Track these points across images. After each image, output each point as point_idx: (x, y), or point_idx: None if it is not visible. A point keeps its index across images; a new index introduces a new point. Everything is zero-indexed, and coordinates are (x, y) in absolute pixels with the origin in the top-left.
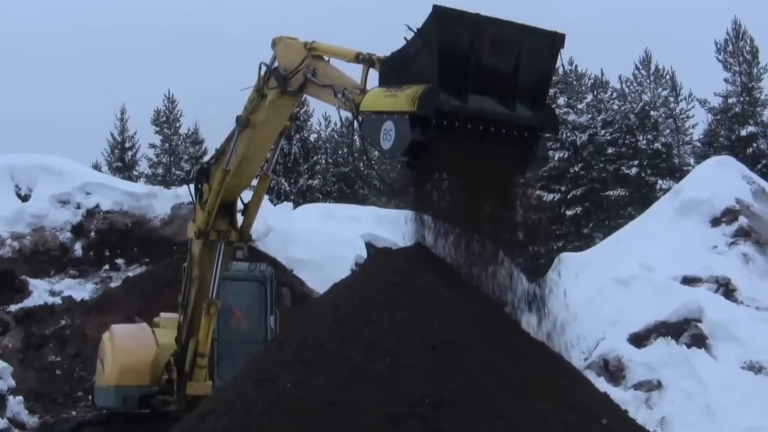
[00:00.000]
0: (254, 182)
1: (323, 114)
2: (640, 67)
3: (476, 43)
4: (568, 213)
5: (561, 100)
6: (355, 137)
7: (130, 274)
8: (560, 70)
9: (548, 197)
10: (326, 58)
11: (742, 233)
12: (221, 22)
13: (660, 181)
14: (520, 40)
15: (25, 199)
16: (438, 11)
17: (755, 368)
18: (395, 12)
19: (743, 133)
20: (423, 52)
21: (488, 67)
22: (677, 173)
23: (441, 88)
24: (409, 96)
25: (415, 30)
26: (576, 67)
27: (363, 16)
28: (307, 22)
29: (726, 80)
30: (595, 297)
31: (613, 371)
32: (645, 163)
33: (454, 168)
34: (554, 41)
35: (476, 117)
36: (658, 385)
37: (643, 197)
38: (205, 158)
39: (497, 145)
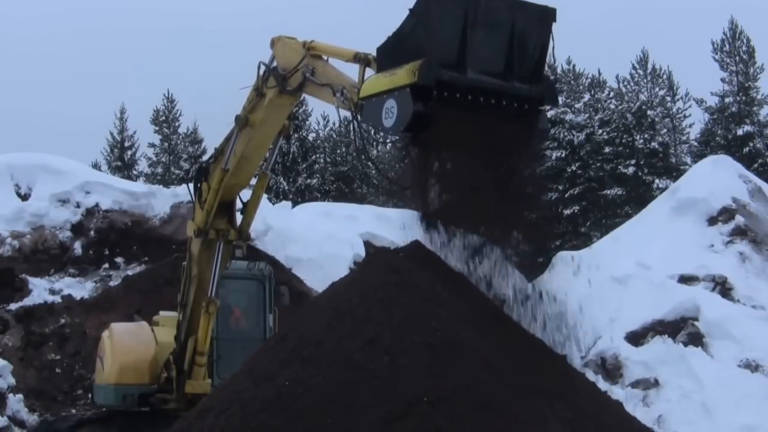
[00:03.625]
0: (253, 181)
1: (322, 113)
2: (637, 66)
3: (470, 15)
4: (566, 212)
5: (558, 100)
6: (354, 137)
7: (130, 272)
8: (554, 61)
9: (546, 196)
10: (325, 57)
11: (739, 232)
12: (220, 22)
13: (657, 181)
14: (513, 13)
15: (24, 198)
16: None
17: (751, 366)
18: (393, 12)
19: (740, 132)
20: (419, 27)
21: (484, 39)
22: (674, 172)
23: (439, 60)
24: (409, 69)
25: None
26: (573, 66)
27: (361, 15)
28: (306, 22)
29: (723, 80)
30: (592, 296)
31: (611, 369)
32: (642, 163)
33: (457, 143)
34: (546, 14)
35: (475, 88)
36: (655, 384)
37: (640, 196)
38: (204, 157)
39: (498, 117)
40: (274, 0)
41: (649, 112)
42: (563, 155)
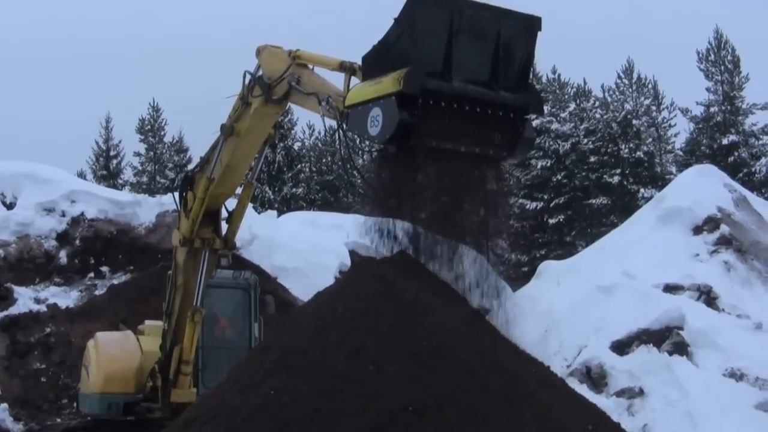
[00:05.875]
0: (238, 190)
1: (307, 122)
2: (623, 76)
3: (455, 24)
4: (551, 221)
5: (543, 109)
6: (339, 145)
7: (115, 281)
8: (541, 72)
9: (531, 205)
10: (310, 66)
11: (724, 241)
12: (206, 31)
13: (642, 190)
14: (499, 22)
15: (10, 206)
16: None
17: (736, 375)
18: (379, 21)
19: (725, 141)
20: (404, 36)
21: (469, 48)
22: (659, 182)
23: (424, 68)
24: (394, 78)
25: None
26: (559, 75)
27: (347, 23)
28: (292, 29)
29: (708, 89)
30: (577, 305)
31: (596, 378)
32: (627, 172)
33: (442, 151)
34: (531, 24)
35: (461, 96)
36: (640, 393)
37: (625, 205)
38: (190, 166)
39: (483, 126)
40: (260, 7)
41: (634, 122)
42: (548, 164)
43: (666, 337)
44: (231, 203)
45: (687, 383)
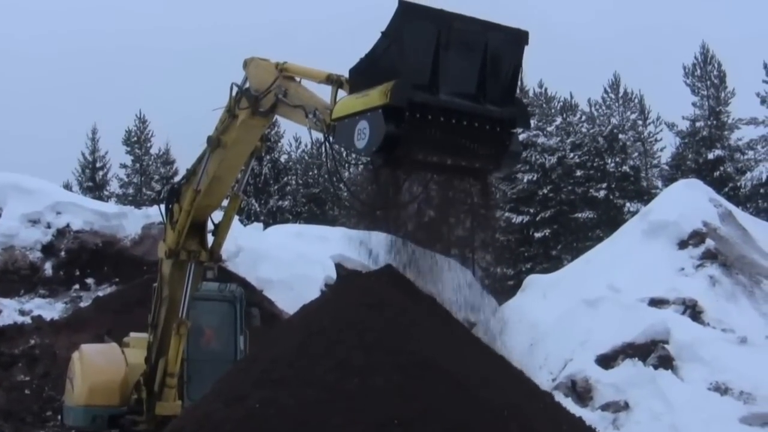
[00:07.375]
0: (225, 202)
1: (294, 135)
2: (609, 90)
3: (443, 37)
4: (537, 235)
5: (530, 122)
6: (326, 158)
7: (100, 293)
8: (526, 84)
9: (517, 219)
10: (297, 78)
11: (709, 255)
12: (194, 42)
13: (628, 204)
14: (486, 35)
15: None
16: (404, 6)
17: (721, 389)
18: (365, 34)
19: (710, 156)
20: (392, 48)
21: (457, 61)
22: (645, 196)
23: (412, 81)
24: (382, 91)
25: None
26: (545, 89)
27: (336, 35)
28: (280, 39)
29: (694, 104)
30: (563, 318)
31: (581, 392)
32: (613, 186)
33: (428, 164)
34: (519, 37)
35: (448, 109)
36: (625, 406)
37: (611, 219)
38: (176, 178)
39: (470, 139)
40: (249, 17)
41: (620, 136)
42: (535, 178)
43: (651, 351)
44: (217, 215)
45: (672, 397)
